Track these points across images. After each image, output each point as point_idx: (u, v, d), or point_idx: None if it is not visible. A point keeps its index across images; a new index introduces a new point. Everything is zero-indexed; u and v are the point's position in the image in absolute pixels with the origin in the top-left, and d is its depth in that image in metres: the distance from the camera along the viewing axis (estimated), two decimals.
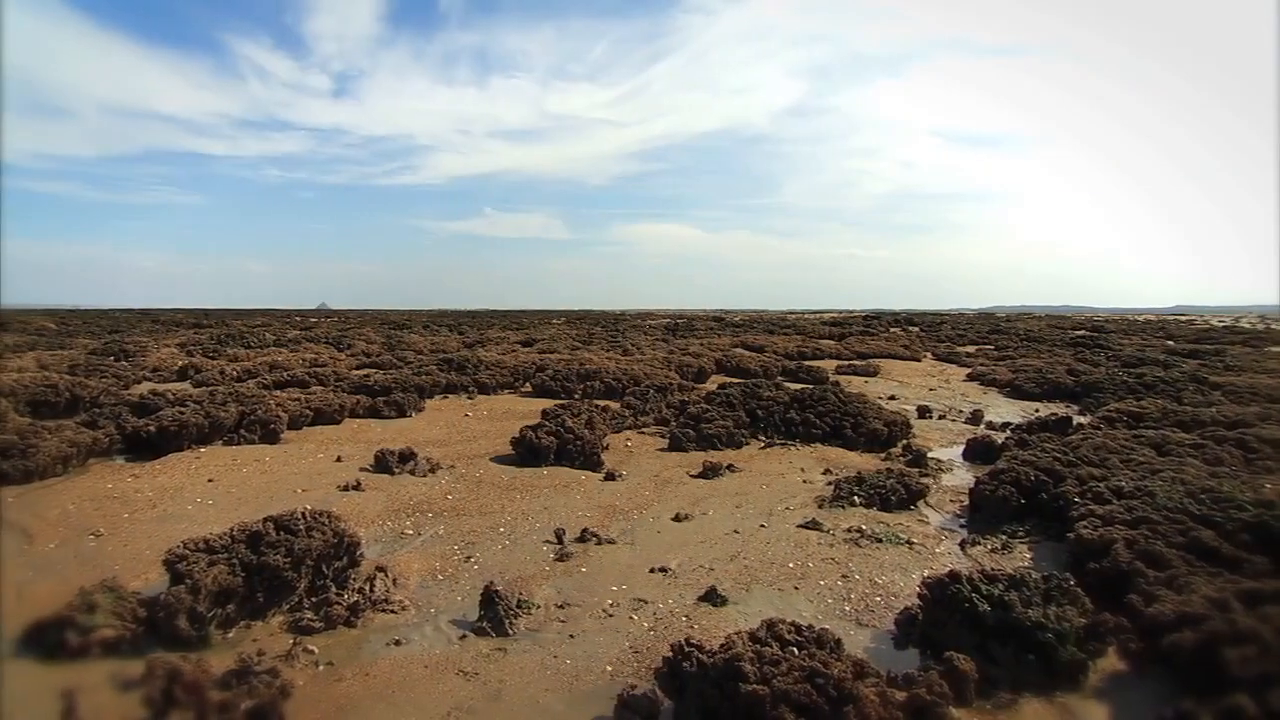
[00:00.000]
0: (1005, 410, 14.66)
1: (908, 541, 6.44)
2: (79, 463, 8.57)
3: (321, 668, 4.21)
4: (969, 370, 21.69)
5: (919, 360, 25.58)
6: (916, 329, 44.94)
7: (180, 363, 19.12)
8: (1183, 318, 72.97)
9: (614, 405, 12.68)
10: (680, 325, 47.12)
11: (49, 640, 4.23)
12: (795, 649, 3.64)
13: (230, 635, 4.55)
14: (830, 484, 8.27)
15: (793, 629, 3.83)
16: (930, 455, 9.81)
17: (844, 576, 5.63)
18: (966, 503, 7.52)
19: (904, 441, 10.76)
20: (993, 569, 4.60)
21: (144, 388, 14.46)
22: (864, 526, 6.75)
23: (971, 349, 30.27)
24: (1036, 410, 14.26)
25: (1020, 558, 6.12)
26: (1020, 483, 7.06)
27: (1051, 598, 4.19)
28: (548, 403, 12.51)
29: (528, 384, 16.70)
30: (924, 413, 13.58)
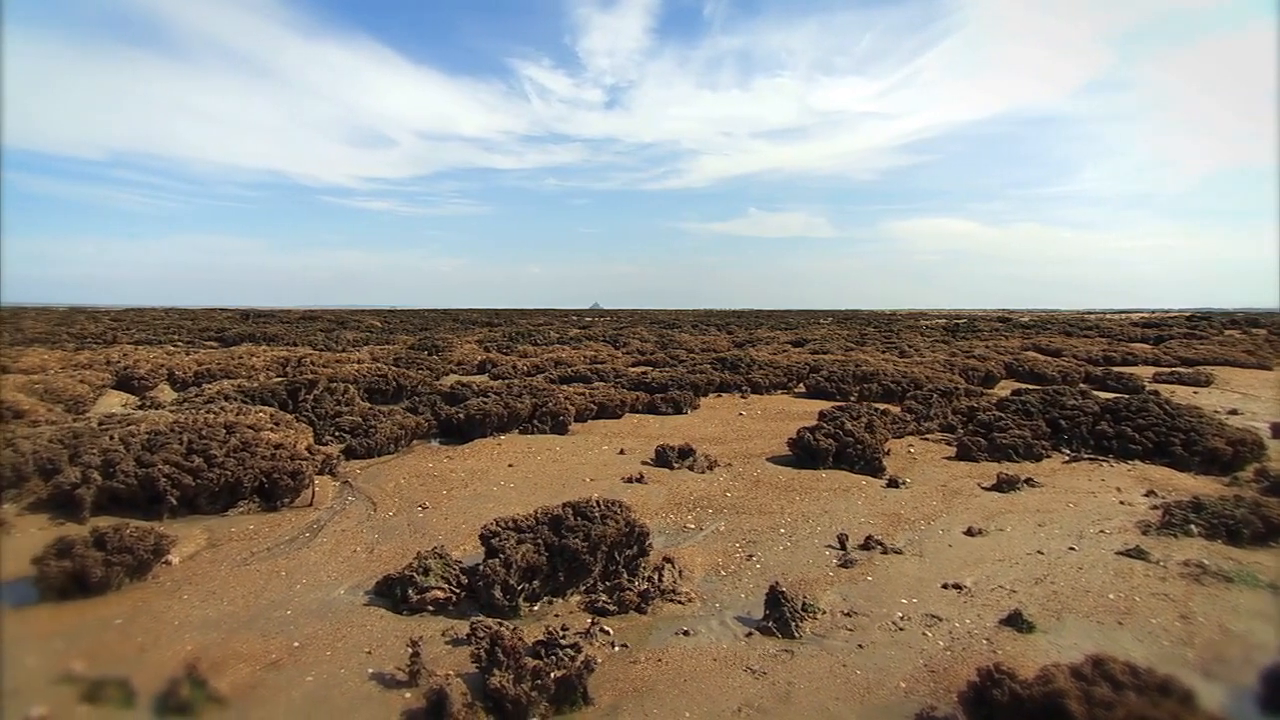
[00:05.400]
0: None
1: (1270, 585, 5.38)
2: (405, 443, 10.14)
3: (616, 649, 4.50)
4: None
5: (1269, 369, 21.25)
6: (1263, 331, 37.46)
7: (479, 357, 21.76)
8: None
9: (893, 409, 12.13)
10: (960, 326, 43.87)
11: (394, 593, 5.05)
12: (1133, 693, 3.21)
13: (535, 609, 5.04)
14: (1156, 508, 7.19)
15: (1127, 670, 3.38)
16: None
17: (1183, 617, 4.86)
18: None
19: (1255, 464, 9.01)
20: None
21: (451, 379, 16.72)
22: (1205, 561, 5.77)
23: None
24: None
25: None
26: None
27: None
28: (822, 404, 12.31)
29: (801, 384, 16.58)
30: None
